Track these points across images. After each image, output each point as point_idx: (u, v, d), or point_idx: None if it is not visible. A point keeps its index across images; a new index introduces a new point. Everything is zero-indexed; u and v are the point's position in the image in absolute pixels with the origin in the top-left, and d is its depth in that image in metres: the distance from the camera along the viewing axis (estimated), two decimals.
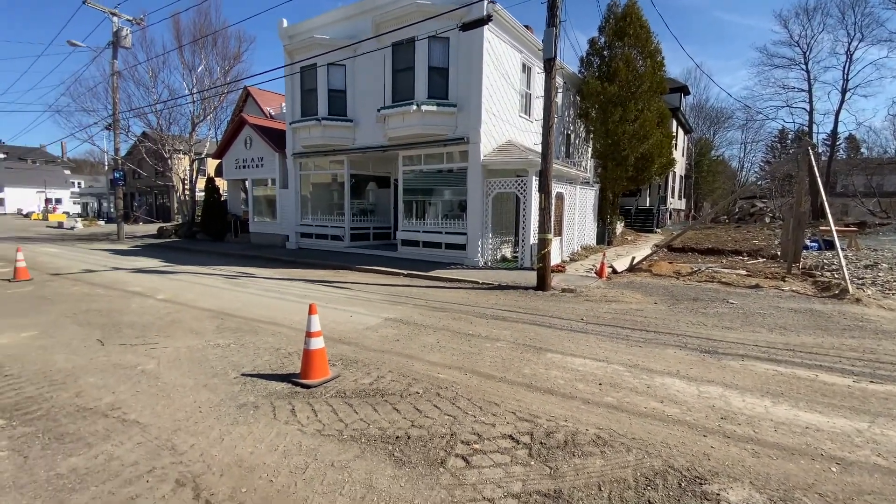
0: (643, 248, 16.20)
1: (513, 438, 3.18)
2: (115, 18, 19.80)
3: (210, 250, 16.18)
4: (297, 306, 7.24)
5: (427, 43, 11.55)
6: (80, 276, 10.29)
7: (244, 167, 18.45)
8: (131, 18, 20.31)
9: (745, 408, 3.72)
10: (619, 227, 20.03)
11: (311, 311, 4.14)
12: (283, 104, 18.50)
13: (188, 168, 23.91)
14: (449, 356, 4.92)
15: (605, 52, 16.87)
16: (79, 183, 69.73)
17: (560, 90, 14.97)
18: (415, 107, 11.64)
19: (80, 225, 31.95)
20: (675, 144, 26.31)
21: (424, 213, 13.34)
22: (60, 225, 33.40)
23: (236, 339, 5.43)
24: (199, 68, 22.22)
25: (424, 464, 2.87)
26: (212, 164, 28.50)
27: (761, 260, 13.27)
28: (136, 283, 9.28)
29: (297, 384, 4.05)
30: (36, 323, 6.11)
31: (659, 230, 24.69)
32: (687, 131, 35.27)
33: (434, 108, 11.63)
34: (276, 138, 17.00)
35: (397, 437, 3.18)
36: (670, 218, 30.22)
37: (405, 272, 10.59)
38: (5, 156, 66.45)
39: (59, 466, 2.81)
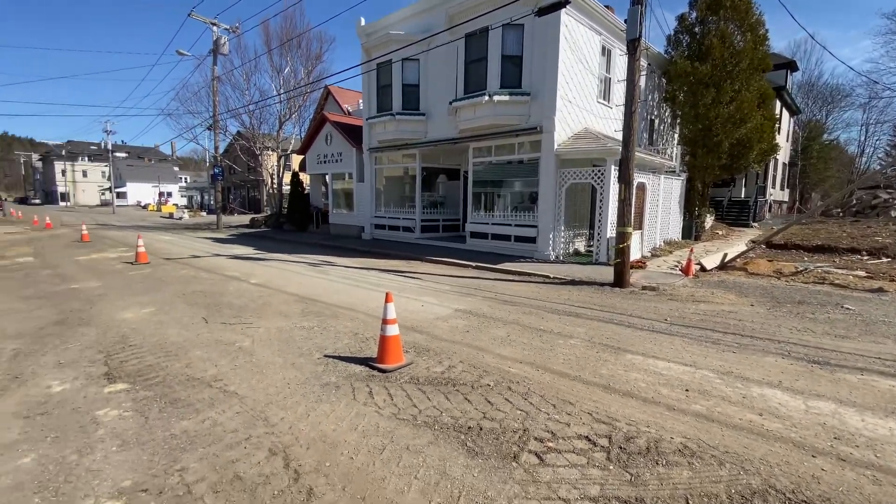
0: (736, 244, 14.69)
1: (589, 440, 3.06)
2: (214, 28, 21.88)
3: (295, 240, 17.45)
4: (372, 294, 7.57)
5: (500, 31, 11.35)
6: (187, 260, 11.63)
7: (324, 162, 19.57)
8: (228, 27, 22.31)
9: (865, 428, 3.24)
10: (709, 220, 18.34)
11: (387, 299, 4.29)
12: (360, 101, 19.30)
13: (276, 164, 25.91)
14: (520, 350, 4.85)
15: (696, 29, 15.41)
16: (185, 178, 78.77)
17: (644, 72, 13.96)
18: (486, 97, 11.52)
19: (186, 215, 36.10)
20: (779, 128, 23.38)
21: (493, 206, 13.23)
22: (171, 215, 38.02)
23: (319, 323, 5.80)
24: (286, 70, 23.87)
25: (497, 456, 2.85)
26: (296, 160, 30.59)
27: (885, 260, 11.43)
28: (233, 268, 10.28)
29: (373, 368, 4.24)
30: (153, 301, 7.01)
31: (755, 224, 22.24)
32: (793, 113, 31.20)
33: (506, 97, 11.43)
34: (353, 134, 17.79)
35: (469, 428, 3.20)
36: (769, 211, 27.07)
37: (473, 264, 10.60)
38: (127, 155, 76.93)
39: (173, 428, 3.20)
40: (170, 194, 68.26)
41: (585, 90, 12.19)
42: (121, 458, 2.82)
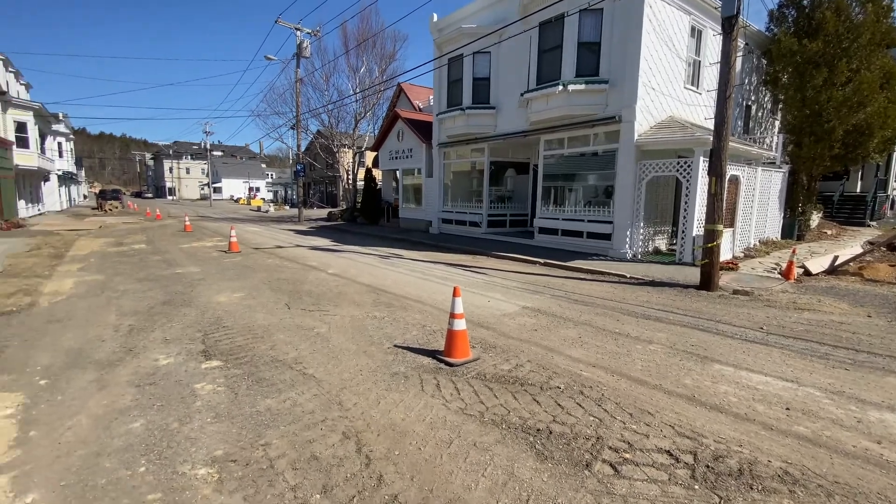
0: (849, 245, 12.82)
1: (671, 455, 2.82)
2: (298, 33, 23.33)
3: (367, 233, 18.20)
4: (439, 287, 7.65)
5: (577, 17, 10.84)
6: (272, 250, 12.59)
7: (396, 158, 20.13)
8: (310, 31, 23.67)
9: None
10: (815, 218, 16.18)
11: (455, 293, 4.29)
12: (431, 97, 19.54)
13: (351, 160, 27.15)
14: (593, 353, 4.61)
15: (804, 2, 13.58)
16: (271, 174, 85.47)
17: (740, 53, 12.60)
18: (560, 87, 11.09)
19: (272, 209, 39.17)
20: None
21: (564, 200, 12.75)
22: (258, 209, 41.47)
23: (389, 314, 5.98)
24: (361, 69, 24.85)
25: (568, 462, 2.73)
26: (369, 157, 31.80)
27: None
28: (312, 259, 10.96)
29: (441, 361, 4.27)
30: (243, 287, 7.66)
31: (874, 223, 19.26)
32: None
33: (582, 86, 10.91)
34: (423, 130, 18.09)
35: (538, 430, 3.10)
36: (892, 208, 23.31)
37: (542, 261, 10.31)
38: (222, 153, 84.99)
39: (258, 405, 3.46)
40: (258, 189, 74.43)
41: (671, 75, 11.28)
42: (214, 429, 3.10)
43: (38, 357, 4.43)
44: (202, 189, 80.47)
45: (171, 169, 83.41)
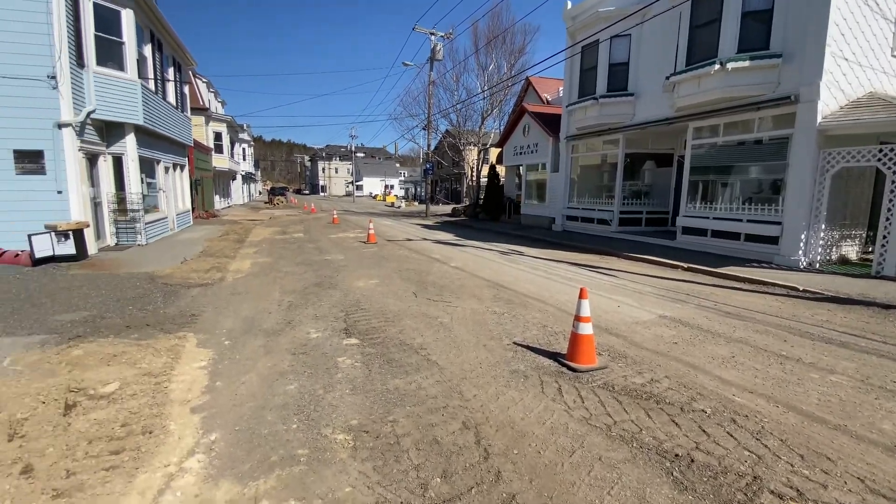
0: None
1: None
2: (432, 37, 24.54)
3: (488, 228, 18.41)
4: (562, 286, 7.33)
5: None
6: (402, 242, 13.55)
7: (520, 153, 19.92)
8: (443, 34, 24.71)
9: None
10: None
11: (581, 294, 4.04)
12: (561, 89, 18.80)
13: (476, 158, 27.72)
14: (750, 377, 3.92)
15: None
16: (404, 173, 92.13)
17: None
18: (717, 66, 9.66)
19: (403, 205, 42.23)
20: None
21: (716, 196, 11.11)
22: (392, 204, 45.07)
23: (509, 310, 5.94)
24: (490, 67, 25.12)
25: (713, 499, 2.36)
26: (493, 153, 31.99)
27: None
28: (436, 252, 11.49)
29: (563, 364, 4.07)
30: (378, 275, 8.38)
31: None
32: None
33: (745, 63, 9.34)
34: (550, 124, 17.53)
35: (677, 455, 2.74)
36: None
37: (684, 265, 9.15)
38: (364, 154, 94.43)
39: (388, 384, 3.73)
40: (392, 186, 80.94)
41: (872, 41, 8.98)
42: (351, 400, 3.44)
43: (224, 322, 5.47)
44: (347, 186, 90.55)
45: (323, 169, 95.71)
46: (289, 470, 2.59)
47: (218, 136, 30.24)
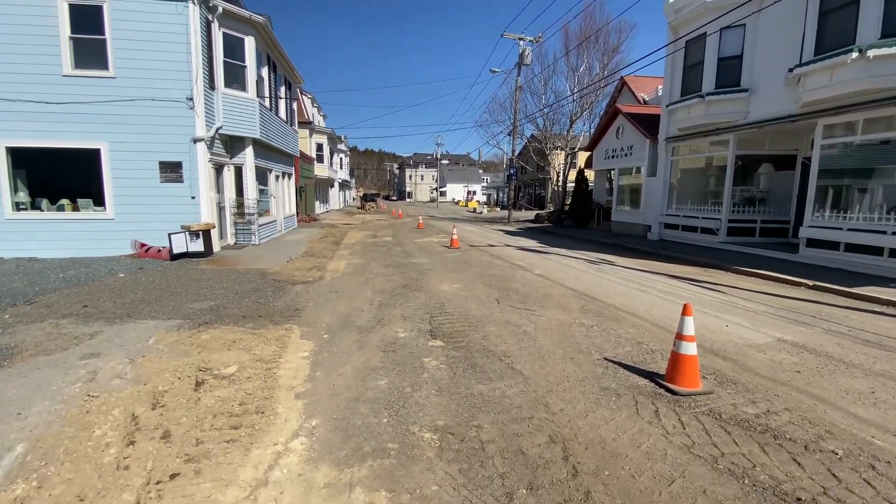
0: None
1: None
2: (521, 42, 24.39)
3: (574, 235, 17.73)
4: (658, 301, 6.80)
5: None
6: (485, 248, 13.59)
7: (613, 157, 18.92)
8: (532, 38, 24.44)
9: None
10: None
11: (685, 311, 3.71)
12: (659, 87, 17.55)
13: (562, 162, 26.91)
14: (894, 418, 3.30)
15: None
16: (486, 179, 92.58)
17: None
18: (855, 54, 8.34)
19: (485, 210, 42.38)
20: None
21: (851, 204, 9.54)
22: (474, 210, 45.42)
23: (598, 323, 5.65)
24: (581, 68, 24.27)
25: None
26: (581, 158, 30.85)
27: None
28: (519, 258, 11.35)
29: (661, 385, 3.77)
30: (461, 279, 8.50)
31: None
32: None
33: (892, 49, 7.93)
34: (647, 125, 16.42)
35: (798, 500, 2.39)
36: None
37: (810, 283, 7.96)
38: (448, 162, 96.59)
39: (472, 388, 3.76)
40: (474, 192, 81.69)
41: None
42: (436, 401, 3.53)
43: (323, 317, 5.94)
44: (431, 192, 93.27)
45: (409, 176, 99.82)
46: (380, 462, 2.73)
47: (319, 147, 33.02)
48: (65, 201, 10.76)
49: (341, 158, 46.92)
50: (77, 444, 2.83)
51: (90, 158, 10.32)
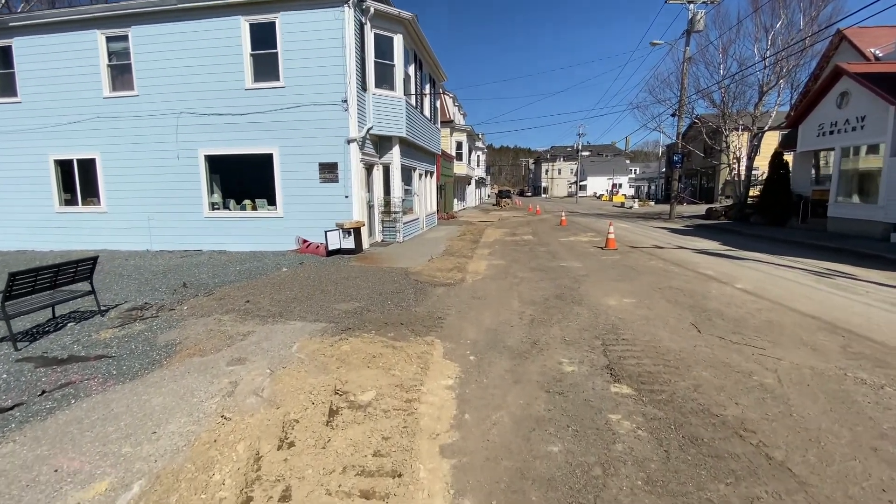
0: None
1: None
2: (690, 6, 20.47)
3: (768, 236, 13.94)
4: None
5: None
6: (651, 250, 11.34)
7: (830, 133, 14.39)
8: (706, 0, 20.31)
9: None
10: None
11: None
12: None
13: (745, 145, 21.95)
14: None
15: None
16: (634, 170, 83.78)
17: None
18: None
19: (636, 205, 37.76)
20: None
21: None
22: (621, 205, 40.96)
23: (885, 377, 3.58)
24: (777, 25, 19.29)
25: None
26: (768, 140, 25.07)
27: None
28: (704, 265, 8.98)
29: None
30: (631, 291, 6.83)
31: None
32: None
33: None
34: (889, 87, 11.89)
35: None
36: None
37: None
38: (589, 153, 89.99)
39: (707, 488, 2.36)
40: (620, 185, 74.57)
41: None
42: (648, 502, 2.24)
43: (467, 330, 5.06)
44: (570, 187, 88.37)
45: (546, 171, 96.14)
46: None
47: (459, 146, 33.32)
48: (247, 202, 12.19)
49: (479, 156, 47.06)
50: (192, 492, 2.35)
51: (265, 162, 11.44)
